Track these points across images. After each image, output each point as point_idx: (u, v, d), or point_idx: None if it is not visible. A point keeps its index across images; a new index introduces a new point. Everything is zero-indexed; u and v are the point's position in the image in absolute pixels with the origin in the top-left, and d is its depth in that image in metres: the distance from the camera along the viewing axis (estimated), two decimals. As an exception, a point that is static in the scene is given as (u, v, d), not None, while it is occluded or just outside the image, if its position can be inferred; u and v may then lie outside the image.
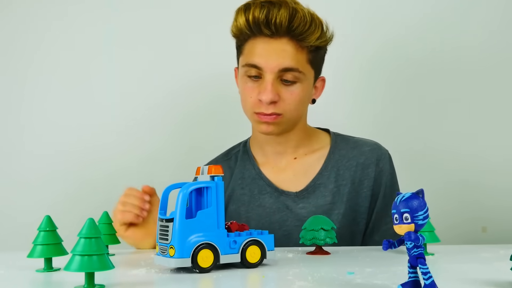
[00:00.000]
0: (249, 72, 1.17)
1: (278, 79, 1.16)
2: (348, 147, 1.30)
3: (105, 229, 0.99)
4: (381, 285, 0.67)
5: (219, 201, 0.80)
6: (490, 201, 1.69)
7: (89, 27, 1.71)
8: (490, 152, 1.69)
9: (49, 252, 0.82)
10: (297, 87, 1.18)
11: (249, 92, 1.19)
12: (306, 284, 0.68)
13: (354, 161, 1.27)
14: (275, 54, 1.14)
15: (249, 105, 1.20)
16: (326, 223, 0.98)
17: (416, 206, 0.60)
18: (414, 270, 0.62)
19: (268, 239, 0.84)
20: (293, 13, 1.12)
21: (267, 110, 1.16)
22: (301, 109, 1.23)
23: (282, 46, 1.15)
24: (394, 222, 0.61)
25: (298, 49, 1.15)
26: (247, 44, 1.18)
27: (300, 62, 1.16)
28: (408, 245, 0.61)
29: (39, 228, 0.82)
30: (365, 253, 0.98)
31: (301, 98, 1.19)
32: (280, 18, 1.12)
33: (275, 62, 1.14)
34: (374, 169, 1.26)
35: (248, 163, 1.32)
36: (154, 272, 0.78)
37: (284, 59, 1.14)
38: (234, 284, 0.70)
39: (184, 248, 0.76)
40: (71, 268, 0.65)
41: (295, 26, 1.13)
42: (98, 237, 0.67)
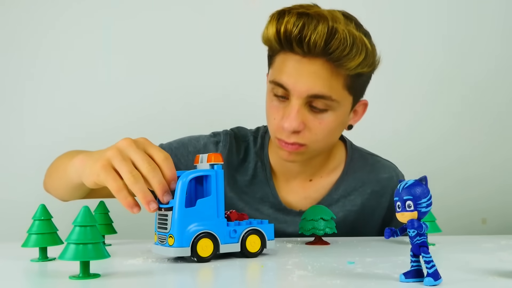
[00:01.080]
0: (276, 91, 1.03)
1: (307, 104, 1.01)
2: (365, 169, 1.20)
3: (101, 219, 0.97)
4: (382, 274, 0.66)
5: (218, 189, 0.78)
6: (490, 193, 1.68)
7: (88, 27, 1.70)
8: (490, 146, 1.69)
9: (44, 241, 0.80)
10: (329, 116, 1.02)
11: (273, 112, 1.05)
12: (306, 274, 0.67)
13: (368, 188, 1.18)
14: (306, 77, 0.98)
15: (272, 128, 1.06)
16: (326, 213, 0.97)
17: (419, 193, 0.58)
18: (416, 259, 0.60)
19: (268, 229, 0.82)
20: (331, 33, 0.94)
21: (288, 138, 1.02)
22: (331, 139, 1.08)
23: (315, 69, 0.98)
24: (396, 210, 0.60)
25: (333, 73, 0.98)
26: (278, 57, 1.03)
27: (335, 88, 1.00)
28: (410, 233, 0.59)
29: (34, 217, 0.81)
30: (365, 243, 0.97)
31: (332, 127, 1.04)
32: (315, 38, 0.94)
33: (304, 86, 0.98)
34: (389, 199, 1.18)
35: (260, 164, 1.19)
36: (151, 262, 0.77)
37: (316, 84, 0.98)
38: (233, 274, 0.69)
39: (184, 237, 0.75)
40: (65, 256, 0.64)
41: (332, 48, 0.95)
42: (94, 225, 0.65)
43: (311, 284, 0.62)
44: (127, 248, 0.93)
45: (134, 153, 0.78)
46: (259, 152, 1.20)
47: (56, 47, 1.69)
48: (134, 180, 0.75)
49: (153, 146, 0.81)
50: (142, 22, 1.71)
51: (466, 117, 1.74)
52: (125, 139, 0.80)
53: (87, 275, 0.66)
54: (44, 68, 1.68)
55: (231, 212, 0.83)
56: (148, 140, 0.82)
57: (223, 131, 1.22)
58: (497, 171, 1.72)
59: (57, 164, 1.07)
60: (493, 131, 1.73)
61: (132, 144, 0.79)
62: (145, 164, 0.76)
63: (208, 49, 1.71)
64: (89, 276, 0.66)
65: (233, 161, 1.19)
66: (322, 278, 0.64)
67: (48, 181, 1.12)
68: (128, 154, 0.78)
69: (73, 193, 1.02)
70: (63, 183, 0.99)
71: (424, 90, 1.73)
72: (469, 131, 1.73)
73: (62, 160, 1.04)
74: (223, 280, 0.66)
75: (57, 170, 1.05)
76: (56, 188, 1.07)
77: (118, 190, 0.76)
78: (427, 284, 0.58)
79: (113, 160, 0.77)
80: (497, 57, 1.73)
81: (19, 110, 1.68)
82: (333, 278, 0.64)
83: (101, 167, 0.77)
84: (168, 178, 0.77)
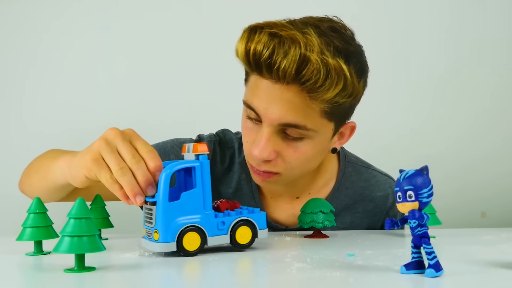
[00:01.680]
0: (248, 112, 0.94)
1: (280, 131, 0.92)
2: (357, 185, 1.11)
3: (97, 212, 0.96)
4: (383, 266, 0.65)
5: (204, 181, 0.75)
6: (489, 185, 1.67)
7: (88, 26, 1.68)
8: (489, 136, 1.68)
9: (39, 235, 0.79)
10: (305, 144, 0.93)
11: (246, 134, 0.97)
12: (305, 266, 0.66)
13: (360, 207, 1.11)
14: (278, 103, 0.88)
15: (245, 151, 0.99)
16: (325, 205, 0.96)
17: (421, 183, 0.57)
18: (417, 250, 0.59)
19: (260, 218, 0.80)
20: (303, 61, 0.83)
21: (259, 166, 0.95)
22: (309, 166, 1.00)
23: (288, 96, 0.88)
24: (397, 200, 0.59)
25: (308, 102, 0.88)
26: (251, 75, 0.93)
27: (310, 117, 0.90)
28: (411, 224, 0.58)
29: (29, 210, 0.79)
30: (365, 236, 0.96)
31: (309, 156, 0.95)
32: (285, 66, 0.84)
33: (275, 113, 0.89)
34: (382, 218, 1.12)
35: (245, 176, 1.12)
36: (147, 256, 0.76)
37: (288, 112, 0.88)
38: (230, 267, 0.68)
39: (169, 232, 0.73)
40: (60, 249, 0.62)
41: (304, 78, 0.84)
42: (89, 217, 0.64)
43: (310, 276, 0.61)
44: (124, 242, 0.91)
45: (120, 144, 0.76)
46: (244, 163, 1.11)
47: (55, 47, 1.67)
48: (122, 172, 0.74)
49: (139, 138, 0.79)
50: (142, 22, 1.69)
51: (466, 117, 1.73)
52: (112, 129, 0.78)
53: (82, 268, 0.65)
54: (43, 66, 1.67)
55: (221, 202, 0.80)
56: (134, 132, 0.80)
57: (207, 137, 1.15)
58: (498, 171, 1.71)
59: (38, 164, 1.04)
60: (493, 131, 1.73)
61: (118, 135, 0.77)
62: (129, 156, 0.75)
63: (209, 49, 1.69)
64: (84, 269, 0.65)
65: (217, 170, 1.12)
66: (322, 271, 0.63)
67: (25, 181, 1.08)
68: (115, 146, 0.77)
69: (54, 195, 0.99)
70: (44, 184, 0.97)
71: (423, 90, 1.72)
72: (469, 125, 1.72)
73: (44, 161, 1.01)
74: (221, 273, 0.65)
75: (38, 170, 1.01)
76: (35, 188, 1.02)
77: (112, 182, 0.75)
78: (429, 275, 0.57)
79: (102, 151, 0.76)
80: (501, 59, 1.72)
81: (17, 106, 1.67)
82: (333, 271, 0.63)
83: (92, 161, 0.76)
84: (152, 170, 0.75)
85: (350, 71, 0.87)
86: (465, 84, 1.73)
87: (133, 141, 0.78)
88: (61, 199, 1.03)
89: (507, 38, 1.74)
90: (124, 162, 0.75)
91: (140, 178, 0.74)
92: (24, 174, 1.10)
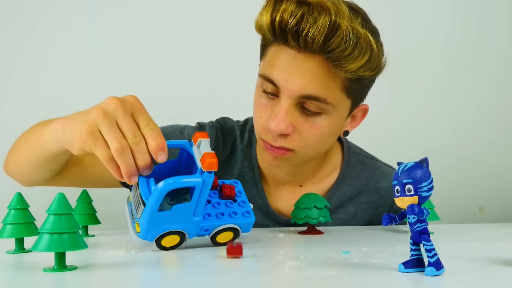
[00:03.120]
0: (265, 86, 0.92)
1: (298, 105, 0.90)
2: (362, 176, 1.09)
3: (84, 208, 0.93)
4: (380, 264, 0.62)
5: (201, 198, 0.71)
6: (487, 180, 1.65)
7: (78, 16, 1.63)
8: (486, 130, 1.66)
9: (20, 232, 0.75)
10: (322, 120, 0.92)
11: (260, 110, 0.94)
12: (298, 264, 0.63)
13: (364, 198, 1.08)
14: (300, 74, 0.87)
15: (257, 127, 0.96)
16: (319, 201, 0.92)
17: (420, 176, 0.54)
18: (417, 247, 0.56)
19: (247, 223, 0.76)
20: (332, 29, 0.83)
21: (274, 141, 0.92)
22: (323, 146, 0.98)
23: (311, 67, 0.87)
24: (395, 195, 0.55)
25: (331, 73, 0.87)
26: (270, 48, 0.92)
27: (331, 90, 0.89)
28: (410, 219, 0.55)
29: (9, 206, 0.76)
30: (361, 232, 0.93)
31: (325, 133, 0.93)
32: (314, 32, 0.83)
33: (297, 84, 0.87)
34: (387, 210, 1.09)
35: (247, 163, 1.09)
36: (134, 253, 0.72)
37: (309, 84, 0.87)
38: (220, 265, 0.64)
39: (149, 234, 0.70)
40: (39, 247, 0.59)
41: (331, 46, 0.84)
42: (69, 213, 0.61)
43: (303, 275, 0.57)
44: (111, 239, 0.88)
45: (121, 118, 0.68)
46: (246, 150, 1.09)
47: (44, 38, 1.63)
48: (121, 152, 0.67)
49: (142, 110, 0.71)
50: (133, 12, 1.65)
51: (464, 111, 1.70)
52: (112, 98, 0.70)
53: (63, 267, 0.61)
54: (30, 56, 1.63)
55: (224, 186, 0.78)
56: (137, 101, 0.72)
57: (208, 123, 1.12)
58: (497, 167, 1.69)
59: (26, 135, 0.95)
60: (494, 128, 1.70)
61: (119, 106, 0.69)
62: (130, 133, 0.68)
63: (202, 40, 1.65)
64: (64, 268, 0.61)
65: (219, 158, 1.05)
66: (316, 269, 0.60)
67: (11, 158, 0.99)
68: (115, 118, 0.69)
69: (46, 167, 0.91)
70: (34, 154, 0.89)
71: (420, 84, 1.70)
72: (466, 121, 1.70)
73: (33, 130, 0.93)
74: (209, 272, 0.62)
75: (26, 141, 0.92)
76: (23, 162, 0.94)
77: (109, 160, 0.68)
78: (429, 274, 0.54)
79: (99, 124, 0.68)
80: (501, 57, 1.70)
81: (1, 98, 1.62)
82: (327, 269, 0.60)
83: (87, 133, 0.69)
84: (153, 150, 0.68)
85: (377, 44, 0.88)
86: (462, 78, 1.70)
87: (136, 115, 0.70)
88: (53, 176, 0.97)
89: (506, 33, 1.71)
90: (125, 139, 0.68)
91: (139, 161, 0.68)
92: (9, 152, 1.02)
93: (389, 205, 1.09)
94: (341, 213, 1.07)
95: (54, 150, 0.82)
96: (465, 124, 1.70)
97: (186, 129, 1.10)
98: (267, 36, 0.91)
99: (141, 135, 0.68)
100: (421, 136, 1.68)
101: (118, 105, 0.69)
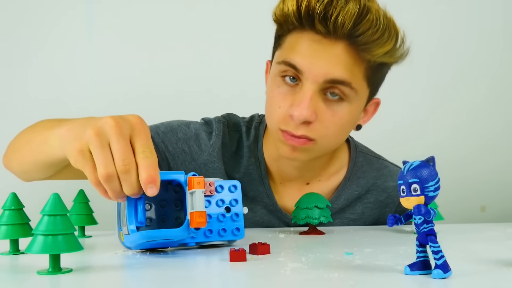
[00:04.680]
0: (285, 72, 0.90)
1: (321, 92, 0.89)
2: (370, 175, 1.08)
3: (81, 209, 0.91)
4: (384, 266, 0.60)
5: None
6: (489, 179, 1.64)
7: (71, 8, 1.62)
8: (488, 131, 1.64)
9: (15, 233, 0.73)
10: (344, 108, 0.90)
11: (279, 99, 0.91)
12: (300, 266, 0.61)
13: (372, 197, 1.07)
14: (325, 59, 0.86)
15: (275, 118, 0.92)
16: (321, 200, 0.91)
17: (426, 175, 0.52)
18: (423, 249, 0.54)
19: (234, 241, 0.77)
20: (362, 12, 0.83)
21: (296, 130, 0.89)
22: (341, 137, 0.97)
23: (336, 52, 0.86)
24: (400, 195, 0.54)
25: (356, 59, 0.87)
26: (289, 36, 0.90)
27: (355, 76, 0.88)
28: (416, 220, 0.53)
29: (4, 207, 0.74)
30: (363, 233, 0.91)
31: (345, 122, 0.92)
32: (343, 17, 0.82)
33: (322, 68, 0.86)
34: (394, 209, 1.08)
35: (254, 160, 1.07)
36: (131, 254, 0.70)
37: (336, 68, 0.86)
38: (219, 267, 0.62)
39: (133, 245, 0.69)
40: (32, 249, 0.57)
41: (360, 31, 0.84)
42: (64, 214, 0.59)
43: (305, 277, 0.55)
44: (108, 240, 0.86)
45: (115, 140, 0.64)
46: (252, 147, 1.07)
47: (43, 37, 1.61)
48: (108, 179, 0.64)
49: (141, 133, 0.66)
50: (132, 11, 1.63)
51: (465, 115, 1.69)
52: (110, 117, 0.65)
53: (58, 270, 0.59)
54: (30, 56, 1.61)
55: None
56: (139, 122, 0.66)
57: (214, 119, 1.09)
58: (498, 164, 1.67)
59: (29, 136, 0.91)
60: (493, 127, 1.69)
61: (115, 127, 0.64)
62: (120, 160, 0.63)
63: (202, 40, 1.63)
64: (59, 270, 0.59)
65: (226, 154, 1.07)
66: (318, 271, 0.58)
67: (13, 156, 0.96)
68: (108, 140, 0.64)
69: (48, 170, 0.89)
70: (37, 157, 0.85)
71: (423, 83, 1.68)
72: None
73: (37, 131, 0.88)
74: (207, 274, 0.60)
75: (30, 142, 0.88)
76: (26, 163, 0.91)
77: (96, 183, 0.66)
78: (436, 277, 0.52)
79: (90, 144, 0.64)
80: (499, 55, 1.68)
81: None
82: (330, 271, 0.58)
83: (77, 152, 0.65)
84: (144, 181, 0.63)
85: (401, 31, 0.89)
86: (462, 77, 1.68)
87: (134, 137, 0.65)
88: (53, 175, 0.94)
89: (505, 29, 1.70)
90: (113, 164, 0.64)
91: (125, 190, 0.65)
92: (10, 147, 0.98)
93: (397, 205, 1.08)
94: (348, 212, 1.06)
95: (59, 156, 0.78)
96: (465, 122, 1.68)
97: (192, 124, 1.08)
98: (290, 23, 0.89)
99: (132, 162, 0.64)
100: (421, 135, 1.66)
101: (114, 126, 0.64)
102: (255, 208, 1.06)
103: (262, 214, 1.06)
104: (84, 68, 1.62)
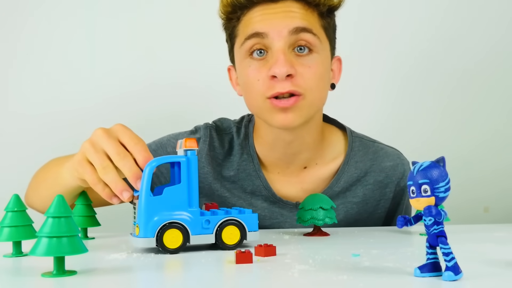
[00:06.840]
0: (251, 47, 0.96)
1: (290, 48, 0.95)
2: (367, 158, 1.10)
3: (83, 210, 0.90)
4: (393, 268, 0.59)
5: (191, 177, 0.72)
6: (492, 179, 1.63)
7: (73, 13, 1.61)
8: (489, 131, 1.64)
9: (18, 235, 0.73)
10: (314, 59, 0.96)
11: (255, 74, 0.95)
12: (308, 268, 0.60)
13: (371, 178, 1.09)
14: (281, 15, 0.94)
15: (258, 91, 0.95)
16: (325, 201, 0.90)
17: (437, 176, 0.52)
18: (433, 251, 0.54)
19: (250, 219, 0.75)
20: None
21: (283, 87, 0.92)
22: (323, 90, 0.99)
23: (289, 8, 0.95)
24: (410, 196, 0.53)
25: (307, 10, 0.96)
26: (242, 21, 0.98)
27: (313, 24, 0.96)
28: (426, 221, 0.53)
29: (7, 209, 0.73)
30: (368, 234, 0.90)
31: (321, 73, 0.97)
32: None
33: (282, 22, 0.94)
34: (394, 189, 1.10)
35: (246, 156, 1.10)
36: (135, 257, 0.70)
37: (294, 19, 0.94)
38: (225, 270, 0.62)
39: (148, 227, 0.69)
40: (37, 252, 0.56)
41: None
42: (69, 216, 0.58)
43: (314, 280, 0.55)
44: (111, 242, 0.85)
45: (106, 143, 0.76)
46: (244, 144, 1.10)
47: (42, 36, 1.60)
48: (104, 171, 0.75)
49: (126, 132, 0.78)
50: (131, 12, 1.62)
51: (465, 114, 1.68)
52: (98, 129, 0.79)
53: (62, 272, 0.58)
54: (28, 55, 1.60)
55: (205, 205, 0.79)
56: (122, 127, 0.80)
57: (203, 125, 1.13)
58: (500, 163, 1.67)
59: (44, 174, 1.04)
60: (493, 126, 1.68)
61: (104, 134, 0.77)
62: (114, 154, 0.75)
63: (202, 40, 1.63)
64: (64, 273, 0.59)
65: (217, 155, 1.10)
66: (327, 273, 0.57)
67: (34, 194, 1.06)
68: (101, 146, 0.77)
69: (69, 200, 0.92)
70: (55, 190, 0.91)
71: (424, 85, 1.67)
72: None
73: (49, 169, 1.02)
74: (214, 276, 0.59)
75: (46, 179, 1.00)
76: (45, 197, 0.98)
77: (95, 183, 0.77)
78: (447, 279, 0.51)
79: (87, 153, 0.78)
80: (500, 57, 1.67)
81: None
82: (339, 273, 0.57)
83: (77, 162, 0.79)
84: (141, 163, 0.74)
85: None
86: (463, 77, 1.67)
87: (120, 137, 0.78)
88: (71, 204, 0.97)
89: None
90: (109, 160, 0.76)
91: (127, 174, 0.74)
92: (30, 187, 1.09)
93: (395, 184, 1.10)
94: (350, 196, 1.08)
95: (72, 185, 0.88)
96: (468, 123, 1.67)
97: (180, 135, 1.13)
98: (239, 6, 0.97)
99: (125, 151, 0.76)
100: (423, 136, 1.65)
101: (101, 133, 0.78)
102: (255, 203, 1.08)
103: (263, 207, 1.08)
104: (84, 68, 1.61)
